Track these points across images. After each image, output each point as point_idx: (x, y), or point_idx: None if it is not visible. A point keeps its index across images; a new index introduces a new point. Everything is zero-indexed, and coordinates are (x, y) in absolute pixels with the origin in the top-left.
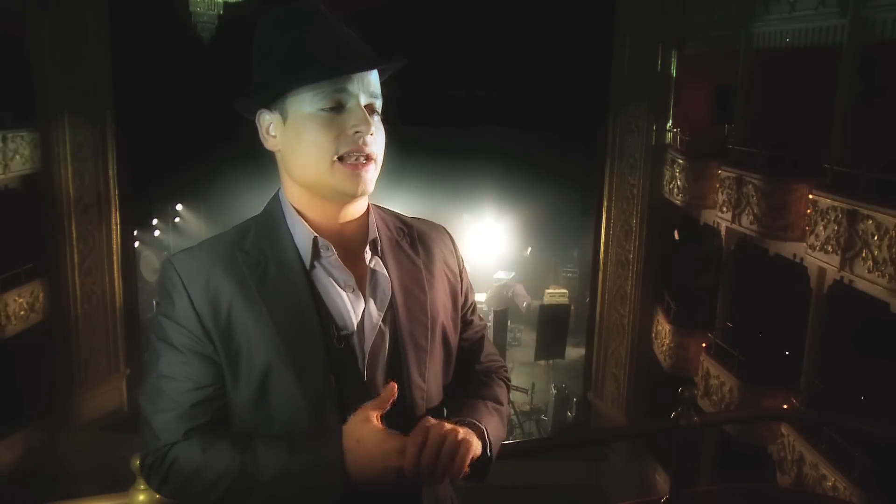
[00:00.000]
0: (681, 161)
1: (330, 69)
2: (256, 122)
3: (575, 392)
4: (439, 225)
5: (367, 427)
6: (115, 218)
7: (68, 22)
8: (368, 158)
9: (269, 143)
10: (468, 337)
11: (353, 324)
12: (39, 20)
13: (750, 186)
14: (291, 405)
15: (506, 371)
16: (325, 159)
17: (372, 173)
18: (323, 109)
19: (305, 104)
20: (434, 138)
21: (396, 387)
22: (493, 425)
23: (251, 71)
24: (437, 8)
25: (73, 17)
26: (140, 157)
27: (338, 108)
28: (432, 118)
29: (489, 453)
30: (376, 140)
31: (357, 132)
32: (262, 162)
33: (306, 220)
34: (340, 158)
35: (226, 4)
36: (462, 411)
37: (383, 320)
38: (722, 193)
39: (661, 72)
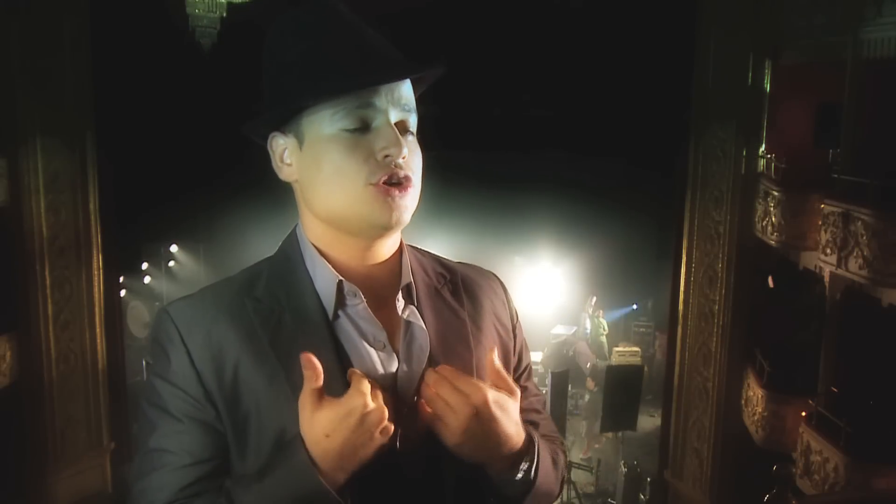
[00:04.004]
0: (776, 193)
1: (352, 79)
2: (268, 147)
3: (649, 470)
4: (488, 271)
5: (315, 414)
6: (97, 262)
7: (41, 27)
8: (402, 183)
9: (284, 173)
10: (522, 407)
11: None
12: (6, 25)
13: (859, 224)
14: (287, 445)
15: (564, 448)
16: (352, 187)
17: (409, 199)
18: (346, 130)
19: (325, 124)
20: (479, 166)
21: (310, 358)
22: (545, 453)
23: (261, 86)
24: (484, 9)
25: (47, 22)
26: (127, 188)
27: (363, 128)
28: (477, 141)
29: (533, 471)
30: (411, 163)
31: (387, 156)
32: (275, 193)
33: (329, 262)
34: (370, 184)
35: (229, 5)
36: None
37: (420, 382)
38: (825, 232)
39: (751, 86)
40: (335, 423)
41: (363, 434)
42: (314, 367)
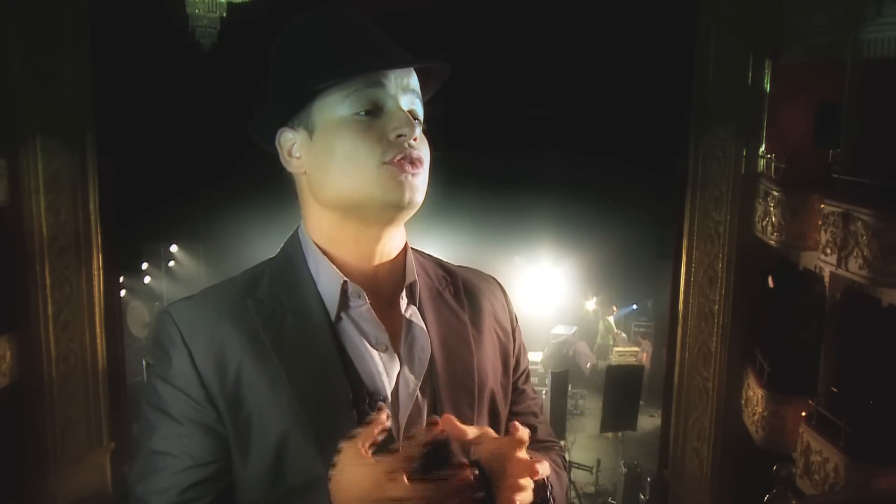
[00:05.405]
0: (776, 193)
1: (363, 65)
2: (276, 143)
3: (649, 470)
4: (488, 275)
5: (353, 466)
6: (97, 262)
7: (41, 27)
8: (416, 162)
9: (293, 166)
10: (520, 411)
11: (386, 389)
12: (6, 24)
13: (859, 224)
14: (312, 484)
15: (562, 454)
16: (367, 166)
17: (421, 180)
18: (357, 113)
19: (336, 109)
20: (480, 166)
21: (386, 412)
22: (554, 477)
23: (267, 87)
24: (484, 10)
25: (47, 21)
26: (127, 188)
27: (374, 112)
28: (478, 142)
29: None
30: (422, 146)
31: (400, 135)
32: (275, 194)
33: (333, 262)
34: (384, 164)
35: (229, 5)
36: None
37: (421, 385)
38: (825, 232)
39: (752, 86)
40: (353, 480)
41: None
42: (381, 425)
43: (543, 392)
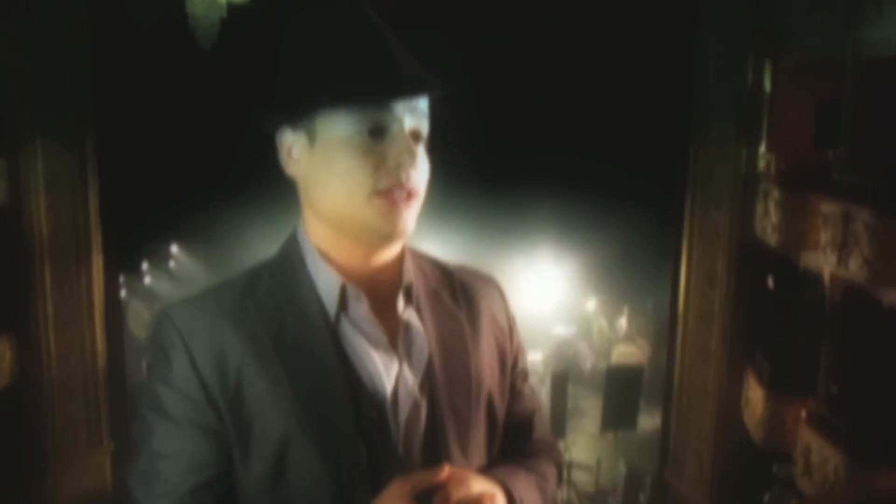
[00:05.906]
0: (776, 193)
1: (374, 92)
2: (276, 141)
3: (649, 470)
4: (486, 275)
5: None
6: (97, 262)
7: (41, 27)
8: (410, 194)
9: (291, 168)
10: (517, 411)
11: (386, 390)
12: (6, 25)
13: (859, 224)
14: (315, 486)
15: (559, 454)
16: (360, 193)
17: (413, 211)
18: (360, 134)
19: (339, 125)
20: (480, 166)
21: (448, 471)
22: (530, 496)
23: (272, 79)
24: (484, 10)
25: (47, 22)
26: (126, 189)
27: (378, 133)
28: (478, 142)
29: None
30: (420, 173)
31: (399, 164)
32: (275, 194)
33: (331, 264)
34: (377, 193)
35: (229, 5)
36: (494, 475)
37: (420, 386)
38: (825, 232)
39: (752, 86)
40: None
41: None
42: (438, 479)
43: (543, 392)
